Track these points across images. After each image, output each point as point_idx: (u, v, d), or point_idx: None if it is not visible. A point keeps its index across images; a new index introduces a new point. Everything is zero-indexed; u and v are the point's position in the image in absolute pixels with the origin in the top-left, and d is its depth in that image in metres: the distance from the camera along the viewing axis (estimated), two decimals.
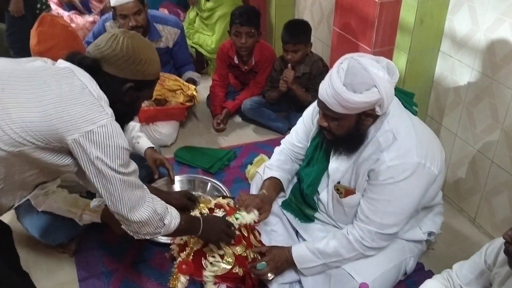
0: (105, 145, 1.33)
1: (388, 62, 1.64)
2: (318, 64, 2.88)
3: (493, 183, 2.17)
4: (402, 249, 1.88)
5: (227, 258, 1.80)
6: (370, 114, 1.63)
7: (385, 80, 1.57)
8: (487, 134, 2.14)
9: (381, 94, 1.56)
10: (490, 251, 1.42)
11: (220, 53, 3.14)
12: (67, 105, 1.30)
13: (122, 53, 1.42)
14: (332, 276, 1.81)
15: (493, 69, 2.04)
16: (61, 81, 1.33)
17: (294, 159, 2.06)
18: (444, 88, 2.34)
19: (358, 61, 1.58)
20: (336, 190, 1.83)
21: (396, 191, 1.66)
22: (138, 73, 1.46)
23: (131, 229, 1.52)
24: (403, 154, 1.64)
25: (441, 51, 2.30)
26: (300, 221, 1.98)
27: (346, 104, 1.57)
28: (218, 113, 3.12)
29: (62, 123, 1.29)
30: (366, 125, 1.68)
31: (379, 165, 1.66)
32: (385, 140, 1.67)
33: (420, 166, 1.65)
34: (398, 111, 1.72)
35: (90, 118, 1.31)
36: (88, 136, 1.31)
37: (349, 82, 1.57)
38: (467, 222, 2.36)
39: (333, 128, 1.69)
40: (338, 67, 1.61)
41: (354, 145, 1.73)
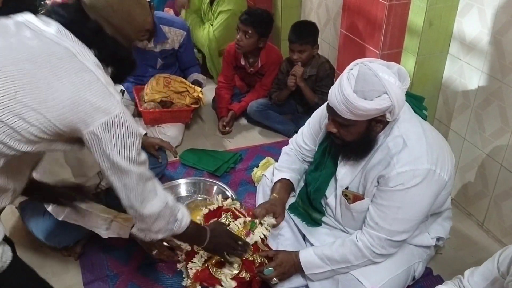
0: (121, 134, 1.29)
1: (399, 67, 1.62)
2: (324, 66, 2.86)
3: (502, 187, 2.15)
4: (410, 254, 1.86)
5: (234, 263, 1.78)
6: (381, 120, 1.61)
7: (396, 86, 1.55)
8: (496, 137, 2.12)
9: (392, 101, 1.54)
10: (503, 258, 1.39)
11: (227, 54, 3.13)
12: (80, 98, 1.23)
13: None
14: (340, 281, 1.79)
15: (503, 72, 2.01)
16: (70, 72, 1.23)
17: (301, 160, 2.04)
18: (452, 91, 2.32)
19: (369, 67, 1.55)
20: (344, 196, 1.81)
21: (406, 197, 1.64)
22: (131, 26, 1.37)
23: (144, 227, 1.47)
24: (414, 160, 1.62)
25: (450, 54, 2.28)
26: (307, 225, 1.96)
27: (356, 111, 1.55)
28: (224, 116, 3.11)
29: (77, 116, 1.24)
30: (376, 131, 1.66)
31: (389, 171, 1.64)
32: (395, 146, 1.65)
33: (431, 172, 1.63)
34: (408, 116, 1.70)
35: (103, 108, 1.25)
36: (104, 127, 1.26)
37: (359, 88, 1.54)
38: (475, 227, 2.34)
39: (342, 134, 1.67)
40: (348, 73, 1.59)
41: (363, 151, 1.71)
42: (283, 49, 3.44)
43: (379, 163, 1.68)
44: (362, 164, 1.74)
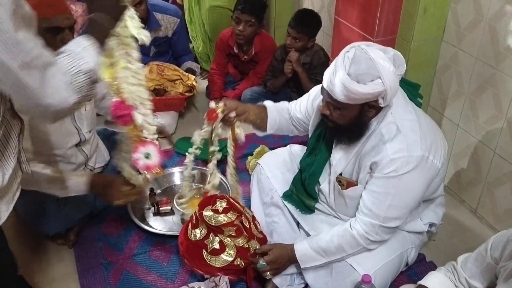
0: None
1: (395, 53, 1.61)
2: (319, 54, 2.85)
3: (496, 174, 2.16)
4: (403, 240, 1.87)
5: (229, 250, 1.79)
6: (373, 105, 1.61)
7: (390, 72, 1.54)
8: (490, 124, 2.12)
9: (385, 86, 1.53)
10: (496, 243, 1.40)
11: (219, 42, 3.11)
12: None
13: None
14: (333, 268, 1.80)
15: (497, 58, 2.01)
16: None
17: (289, 118, 2.09)
18: (446, 78, 2.32)
19: (365, 51, 1.55)
20: (338, 182, 1.81)
21: (399, 184, 1.64)
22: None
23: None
24: (407, 147, 1.62)
25: (444, 41, 2.27)
26: (301, 212, 1.97)
27: (349, 94, 1.55)
28: (217, 98, 3.08)
29: None
30: (368, 116, 1.65)
31: (382, 157, 1.64)
32: (388, 132, 1.65)
33: (424, 159, 1.63)
34: (402, 102, 1.70)
35: None
36: None
37: (353, 71, 1.54)
38: (468, 213, 2.35)
39: (335, 117, 1.67)
40: (343, 55, 1.58)
41: (355, 135, 1.71)
42: (277, 36, 3.41)
43: (373, 149, 1.68)
44: (356, 149, 1.74)
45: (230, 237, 1.81)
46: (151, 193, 2.28)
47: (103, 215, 2.26)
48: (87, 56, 1.22)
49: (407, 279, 1.94)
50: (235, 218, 1.84)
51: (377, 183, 1.67)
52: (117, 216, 2.26)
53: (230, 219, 1.83)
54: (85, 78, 1.20)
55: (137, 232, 2.19)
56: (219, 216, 1.83)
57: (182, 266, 2.01)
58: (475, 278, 1.46)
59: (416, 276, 1.96)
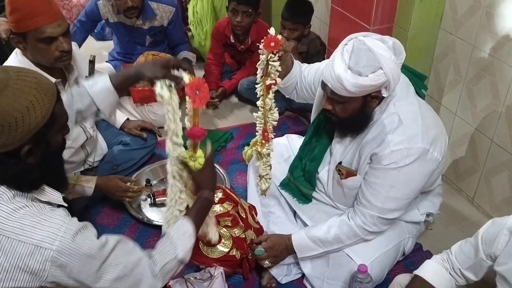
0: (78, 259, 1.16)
1: (394, 41, 1.58)
2: (315, 43, 2.82)
3: (493, 162, 2.15)
4: (400, 230, 1.87)
5: (225, 241, 1.78)
6: (376, 96, 1.58)
7: (391, 61, 1.51)
8: (487, 113, 2.11)
9: (387, 76, 1.50)
10: (486, 237, 1.38)
11: (216, 32, 3.08)
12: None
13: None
14: (330, 258, 1.80)
15: (495, 46, 1.99)
16: None
17: (297, 82, 1.92)
18: (444, 67, 2.30)
19: (363, 42, 1.52)
20: (337, 171, 1.80)
21: (399, 176, 1.63)
22: (25, 132, 1.12)
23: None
24: (408, 139, 1.60)
25: (442, 29, 2.25)
26: (298, 201, 1.96)
27: (351, 88, 1.51)
28: (213, 89, 3.07)
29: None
30: (371, 107, 1.63)
31: (383, 149, 1.62)
32: (390, 123, 1.63)
33: (425, 152, 1.61)
34: (405, 93, 1.67)
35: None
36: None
37: (354, 65, 1.50)
38: (465, 202, 2.35)
39: (338, 111, 1.64)
40: (342, 49, 1.55)
41: (359, 127, 1.69)
42: (274, 25, 3.37)
43: (373, 140, 1.66)
44: (357, 139, 1.72)
45: (226, 228, 1.80)
46: (147, 184, 2.27)
47: (100, 206, 2.26)
48: (180, 245, 1.37)
49: (404, 269, 1.94)
50: (231, 208, 1.84)
51: (376, 174, 1.66)
52: (113, 208, 2.25)
53: (226, 209, 1.82)
54: (175, 265, 1.36)
55: (133, 223, 2.19)
56: (215, 206, 1.82)
57: None
58: (469, 270, 1.45)
59: (412, 266, 1.96)
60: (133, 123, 2.48)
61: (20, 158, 1.15)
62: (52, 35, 1.79)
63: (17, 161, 1.15)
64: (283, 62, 1.67)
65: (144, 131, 2.49)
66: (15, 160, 1.14)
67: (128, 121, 2.48)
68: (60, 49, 1.83)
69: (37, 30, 1.77)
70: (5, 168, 1.14)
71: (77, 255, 1.15)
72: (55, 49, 1.83)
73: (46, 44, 1.80)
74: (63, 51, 1.85)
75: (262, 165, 1.87)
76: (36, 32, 1.77)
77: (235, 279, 1.93)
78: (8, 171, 1.14)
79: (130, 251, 1.28)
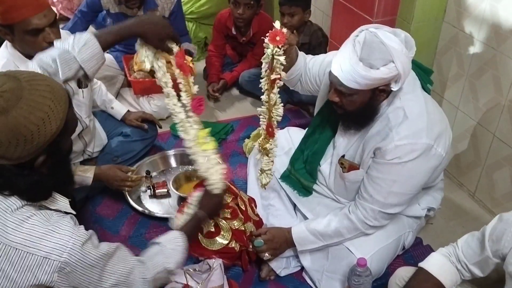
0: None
1: (406, 35, 1.55)
2: (317, 34, 2.80)
3: (494, 157, 2.14)
4: (401, 224, 1.86)
5: (224, 233, 1.78)
6: (384, 89, 1.56)
7: (403, 54, 1.49)
8: (490, 107, 2.09)
9: (398, 70, 1.48)
10: (495, 236, 1.35)
11: (217, 23, 3.06)
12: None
13: (7, 141, 1.06)
14: (330, 251, 1.80)
15: (498, 40, 1.97)
16: None
17: (301, 74, 1.90)
18: (447, 60, 2.28)
19: (375, 34, 1.49)
20: (340, 164, 1.78)
21: (402, 171, 1.61)
22: (40, 144, 1.11)
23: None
24: (413, 134, 1.58)
25: (445, 22, 2.23)
26: (298, 194, 1.95)
27: (362, 80, 1.49)
28: (214, 82, 3.05)
29: None
30: (379, 101, 1.61)
31: (387, 143, 1.60)
32: (395, 118, 1.61)
33: (429, 147, 1.59)
34: (411, 88, 1.65)
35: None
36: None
37: (365, 57, 1.48)
38: (466, 197, 2.34)
39: (345, 104, 1.61)
40: (353, 41, 1.52)
41: (364, 120, 1.67)
42: (277, 17, 3.36)
43: (378, 134, 1.64)
44: (361, 133, 1.71)
45: (225, 220, 1.79)
46: (147, 175, 2.27)
47: (99, 197, 2.25)
48: (172, 258, 1.44)
49: (404, 263, 1.93)
50: (231, 200, 1.83)
51: (379, 169, 1.65)
52: (113, 199, 2.25)
53: (225, 201, 1.81)
54: (164, 275, 1.43)
55: (133, 215, 2.19)
56: None
57: None
58: (475, 265, 1.43)
59: (412, 260, 1.95)
60: (134, 114, 2.48)
61: (33, 169, 1.14)
62: (39, 27, 1.76)
63: (30, 173, 1.13)
64: (288, 55, 1.64)
65: (145, 123, 2.48)
66: (28, 172, 1.13)
67: (129, 112, 2.47)
68: (47, 40, 1.80)
69: (23, 22, 1.74)
70: (18, 180, 1.12)
71: (82, 266, 1.17)
72: (43, 41, 1.80)
73: (33, 35, 1.78)
74: (51, 42, 1.80)
75: (265, 160, 1.86)
76: (22, 24, 1.75)
77: (234, 271, 1.92)
78: (22, 183, 1.13)
79: (125, 258, 1.31)
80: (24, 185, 1.13)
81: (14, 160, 1.10)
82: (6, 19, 1.75)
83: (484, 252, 1.38)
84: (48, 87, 1.13)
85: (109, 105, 2.43)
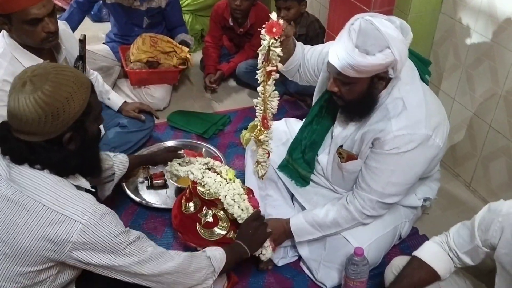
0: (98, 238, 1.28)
1: (401, 22, 1.56)
2: (314, 26, 2.80)
3: (490, 148, 2.15)
4: (397, 214, 1.87)
5: (222, 223, 1.79)
6: (383, 77, 1.56)
7: (399, 40, 1.50)
8: (486, 98, 2.10)
9: (395, 55, 1.49)
10: (484, 225, 1.37)
11: (214, 14, 3.05)
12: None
13: (37, 116, 1.22)
14: (327, 241, 1.81)
15: (495, 31, 1.98)
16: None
17: (299, 65, 1.90)
18: (443, 51, 2.29)
19: (371, 21, 1.50)
20: (338, 154, 1.79)
21: (400, 161, 1.62)
22: (66, 121, 1.27)
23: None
24: (412, 124, 1.59)
25: (442, 13, 2.23)
26: (296, 184, 1.96)
27: (359, 67, 1.49)
28: (211, 73, 3.05)
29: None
30: (378, 89, 1.61)
31: (386, 134, 1.61)
32: (394, 108, 1.62)
33: (427, 138, 1.60)
34: (410, 79, 1.66)
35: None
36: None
37: (361, 44, 1.48)
38: (462, 187, 2.35)
39: (344, 93, 1.62)
40: (349, 28, 1.53)
41: (364, 110, 1.67)
42: (273, 9, 3.35)
43: (376, 124, 1.65)
44: (359, 123, 1.71)
45: (224, 210, 1.80)
46: (144, 166, 2.27)
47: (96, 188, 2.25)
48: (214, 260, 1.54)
49: (400, 252, 1.95)
50: None
51: (377, 159, 1.66)
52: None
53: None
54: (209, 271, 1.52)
55: (130, 206, 2.19)
56: None
57: (176, 239, 2.02)
58: (466, 254, 1.45)
59: (408, 249, 1.97)
60: (131, 105, 2.47)
61: (62, 145, 1.29)
62: (38, 17, 1.76)
63: (59, 148, 1.29)
64: (284, 47, 1.64)
65: (142, 113, 2.48)
66: (58, 147, 1.28)
67: (126, 103, 2.47)
68: (46, 30, 1.81)
69: (22, 11, 1.74)
70: (49, 154, 1.27)
71: (103, 232, 1.26)
72: (41, 30, 1.80)
73: (32, 25, 1.78)
74: (50, 32, 1.82)
75: (260, 151, 1.87)
76: (20, 13, 1.74)
77: None
78: (52, 157, 1.28)
79: (153, 244, 1.42)
80: (54, 159, 1.28)
81: (45, 135, 1.25)
82: (4, 8, 1.74)
83: (474, 241, 1.40)
84: (72, 73, 1.30)
85: (106, 96, 2.42)
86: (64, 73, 1.28)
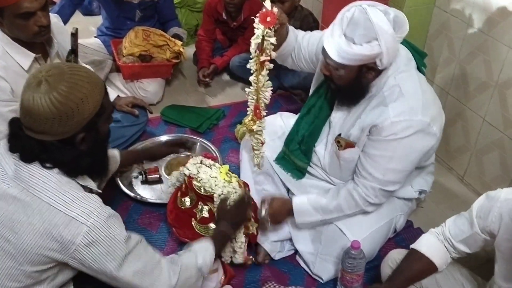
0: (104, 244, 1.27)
1: (396, 15, 1.55)
2: (308, 20, 2.78)
3: (484, 141, 2.17)
4: (393, 207, 1.88)
5: None
6: (372, 67, 1.58)
7: (389, 34, 1.50)
8: (480, 91, 2.11)
9: (381, 48, 1.50)
10: (483, 213, 1.38)
11: (207, 7, 3.02)
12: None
13: (52, 116, 1.23)
14: (323, 232, 1.81)
15: (489, 24, 1.99)
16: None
17: (293, 50, 1.89)
18: (438, 45, 2.29)
19: (365, 11, 1.50)
20: (336, 143, 1.79)
21: (398, 147, 1.63)
22: (80, 121, 1.27)
23: None
24: (409, 110, 1.60)
25: (436, 6, 2.24)
26: (292, 176, 1.95)
27: (344, 54, 1.52)
28: (205, 67, 3.03)
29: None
30: (368, 78, 1.62)
31: (383, 120, 1.62)
32: (391, 94, 1.63)
33: (425, 124, 1.61)
34: (407, 67, 1.67)
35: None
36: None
37: (349, 32, 1.50)
38: (456, 181, 2.37)
39: (334, 78, 1.64)
40: (343, 15, 1.54)
41: (355, 97, 1.69)
42: None
43: (374, 111, 1.66)
44: (357, 112, 1.72)
45: None
46: None
47: None
48: (200, 254, 1.49)
49: (395, 245, 1.96)
50: None
51: (376, 146, 1.66)
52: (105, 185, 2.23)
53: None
54: (196, 274, 1.47)
55: (125, 201, 2.17)
56: None
57: (171, 234, 2.01)
58: (461, 243, 1.47)
59: (403, 242, 1.98)
60: (124, 100, 2.45)
61: (74, 145, 1.30)
62: (30, 10, 1.74)
63: (72, 148, 1.29)
64: (278, 34, 1.63)
65: (135, 108, 2.46)
66: (70, 147, 1.29)
67: (119, 98, 2.45)
68: (38, 24, 1.78)
69: (14, 5, 1.71)
70: (62, 153, 1.28)
71: (107, 236, 1.26)
72: (34, 24, 1.78)
73: (24, 19, 1.75)
74: (42, 26, 1.80)
75: (254, 141, 1.86)
76: (13, 7, 1.71)
77: None
78: (64, 156, 1.28)
79: (150, 249, 1.40)
80: (66, 158, 1.28)
81: (58, 135, 1.25)
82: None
83: (473, 228, 1.42)
84: (86, 73, 1.30)
85: None
86: (79, 73, 1.28)
